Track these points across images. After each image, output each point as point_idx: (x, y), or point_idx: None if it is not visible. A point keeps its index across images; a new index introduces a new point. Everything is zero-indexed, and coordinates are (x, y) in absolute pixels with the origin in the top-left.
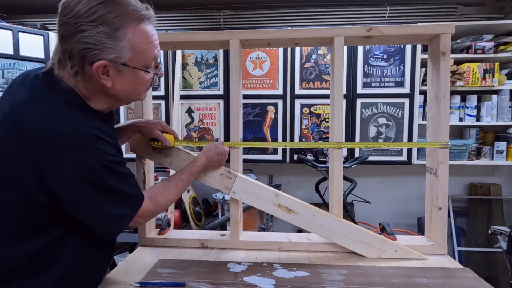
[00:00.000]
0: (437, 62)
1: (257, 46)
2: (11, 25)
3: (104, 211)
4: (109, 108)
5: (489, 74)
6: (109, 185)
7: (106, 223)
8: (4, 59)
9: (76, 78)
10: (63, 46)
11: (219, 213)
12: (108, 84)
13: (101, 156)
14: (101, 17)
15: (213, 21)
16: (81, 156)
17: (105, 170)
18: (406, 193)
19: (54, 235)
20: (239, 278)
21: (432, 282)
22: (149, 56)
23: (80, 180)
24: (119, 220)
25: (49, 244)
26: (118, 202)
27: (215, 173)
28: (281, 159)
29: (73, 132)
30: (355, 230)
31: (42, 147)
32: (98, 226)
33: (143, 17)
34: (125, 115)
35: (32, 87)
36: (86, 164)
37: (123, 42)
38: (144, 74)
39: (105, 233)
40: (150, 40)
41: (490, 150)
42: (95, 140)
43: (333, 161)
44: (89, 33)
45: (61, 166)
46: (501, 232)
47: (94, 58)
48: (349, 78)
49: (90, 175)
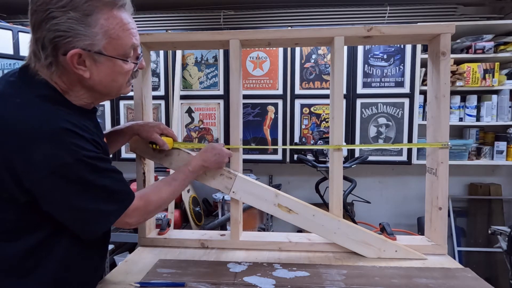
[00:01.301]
0: (437, 62)
1: (257, 46)
2: (11, 25)
3: (82, 207)
4: (91, 103)
5: (489, 74)
6: (87, 181)
7: (84, 220)
8: (4, 59)
9: (50, 69)
10: (36, 36)
11: (219, 213)
12: (85, 75)
13: (75, 151)
14: (71, 2)
15: (213, 21)
16: (52, 150)
17: (81, 165)
18: (406, 193)
19: (40, 235)
20: (239, 278)
21: (432, 282)
22: (125, 44)
23: (52, 175)
24: (101, 217)
25: (37, 244)
26: (99, 198)
27: (215, 173)
28: (281, 159)
29: (42, 124)
30: (355, 230)
31: (11, 141)
32: (75, 224)
33: (116, 2)
34: (125, 115)
35: (7, 83)
36: (58, 158)
37: (95, 28)
38: (123, 64)
39: (83, 232)
40: (126, 28)
41: (490, 150)
42: (68, 134)
43: (333, 161)
44: (59, 20)
45: (31, 161)
46: (501, 232)
47: (67, 46)
48: (349, 78)
49: (64, 169)
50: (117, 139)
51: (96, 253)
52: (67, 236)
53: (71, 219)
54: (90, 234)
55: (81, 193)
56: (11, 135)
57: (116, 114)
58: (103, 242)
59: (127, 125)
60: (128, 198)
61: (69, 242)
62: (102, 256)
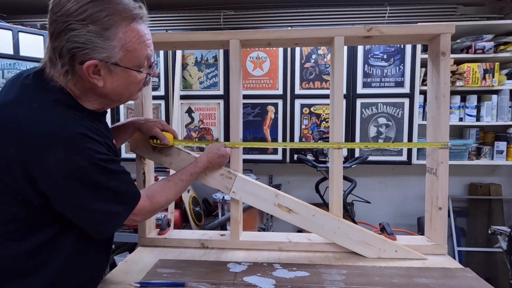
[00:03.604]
0: (437, 62)
1: (257, 46)
2: (11, 25)
3: (94, 208)
4: (102, 108)
5: (489, 74)
6: (99, 183)
7: (96, 221)
8: (4, 59)
9: (66, 77)
10: (53, 44)
11: (219, 213)
12: (99, 83)
13: (89, 155)
14: (91, 16)
15: (213, 21)
16: (67, 154)
17: (94, 168)
18: (406, 193)
19: (48, 234)
20: (239, 278)
21: (432, 282)
22: (141, 56)
23: (67, 178)
24: (111, 218)
25: (43, 243)
26: (110, 200)
27: (215, 173)
28: (281, 159)
29: (57, 129)
30: (355, 230)
31: (27, 145)
32: (88, 225)
33: (135, 16)
34: (125, 115)
35: (22, 86)
36: (73, 162)
37: (114, 42)
38: (137, 74)
39: (96, 232)
40: (142, 40)
41: (490, 150)
42: (83, 139)
43: (333, 161)
44: (79, 32)
45: (47, 164)
46: (501, 232)
47: (84, 57)
48: (349, 78)
49: (78, 173)
50: (119, 135)
51: (101, 250)
52: (74, 233)
53: (83, 220)
54: (102, 234)
55: (93, 195)
56: (26, 138)
57: (116, 114)
58: (106, 241)
59: (128, 120)
60: (134, 199)
61: (73, 241)
62: (106, 253)
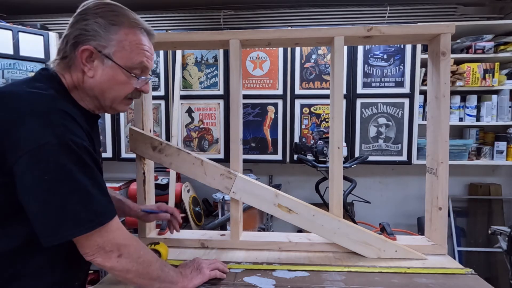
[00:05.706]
0: (437, 62)
1: (257, 46)
2: (11, 25)
3: (51, 201)
4: (91, 109)
5: (489, 74)
6: (66, 170)
7: (48, 218)
8: (4, 59)
9: (65, 61)
10: (65, 34)
11: (219, 213)
12: (89, 73)
13: (62, 132)
14: (103, 13)
15: (213, 21)
16: (39, 127)
17: (64, 149)
18: (406, 193)
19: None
20: (239, 278)
21: (432, 282)
22: (134, 59)
23: (30, 155)
24: (68, 219)
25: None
26: (74, 197)
27: (215, 173)
28: (281, 159)
29: (38, 102)
30: (355, 230)
31: (7, 115)
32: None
33: (140, 25)
34: (125, 116)
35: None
36: (42, 137)
37: (113, 36)
38: (125, 76)
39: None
40: (141, 47)
41: (490, 150)
42: (61, 115)
43: (333, 161)
44: (88, 22)
45: (16, 136)
46: (501, 232)
47: (84, 43)
48: (349, 78)
49: (43, 150)
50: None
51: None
52: None
53: (34, 214)
54: (49, 238)
55: (54, 184)
56: (8, 108)
57: (116, 114)
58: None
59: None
60: (106, 214)
61: None
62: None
